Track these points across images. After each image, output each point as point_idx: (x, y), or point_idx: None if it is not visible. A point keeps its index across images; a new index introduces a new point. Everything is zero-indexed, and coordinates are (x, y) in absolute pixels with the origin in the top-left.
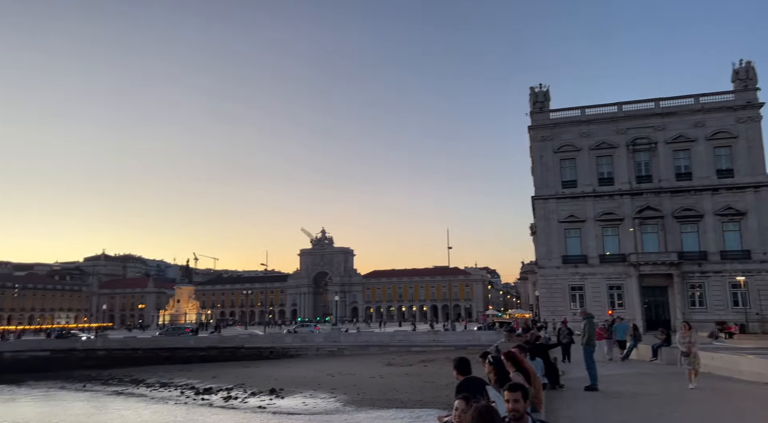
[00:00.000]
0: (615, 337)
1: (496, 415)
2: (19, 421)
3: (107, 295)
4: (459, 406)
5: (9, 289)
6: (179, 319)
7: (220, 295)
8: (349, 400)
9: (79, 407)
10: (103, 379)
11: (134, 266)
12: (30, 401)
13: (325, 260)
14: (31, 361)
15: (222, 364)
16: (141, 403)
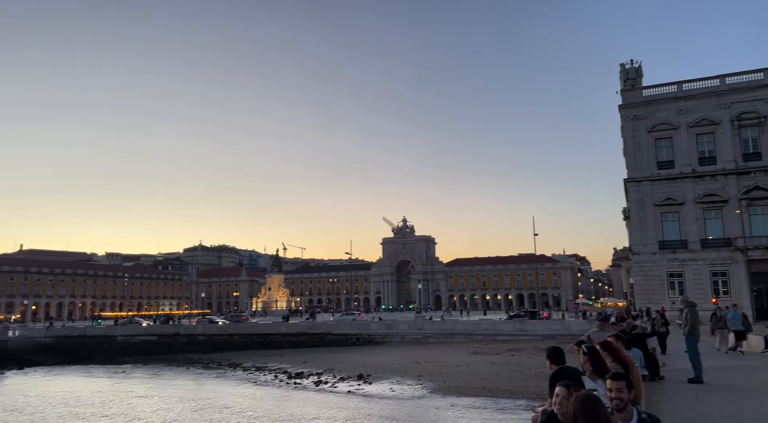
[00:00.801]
0: (730, 326)
1: (599, 403)
2: (132, 396)
3: (205, 284)
4: (560, 392)
5: (120, 278)
6: (271, 306)
7: (308, 283)
8: (435, 387)
9: (181, 387)
10: (204, 363)
11: (228, 256)
12: (141, 381)
13: (407, 249)
14: (141, 345)
15: (312, 350)
16: (239, 385)
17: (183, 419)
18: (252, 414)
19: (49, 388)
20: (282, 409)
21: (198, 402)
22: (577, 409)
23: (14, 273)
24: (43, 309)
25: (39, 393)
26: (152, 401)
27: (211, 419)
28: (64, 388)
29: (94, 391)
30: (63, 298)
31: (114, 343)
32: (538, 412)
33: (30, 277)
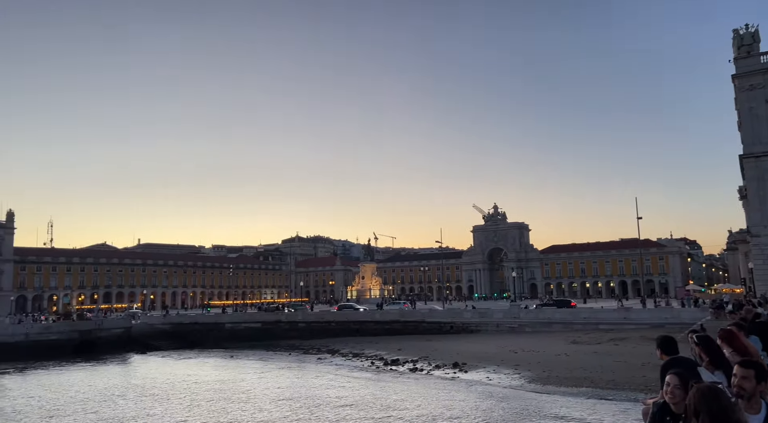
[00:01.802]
0: None
1: (724, 396)
2: (239, 381)
3: (302, 273)
4: (671, 381)
5: (225, 269)
6: (365, 294)
7: (399, 271)
8: (533, 376)
9: (285, 371)
10: (305, 349)
11: (323, 246)
12: (249, 365)
13: (499, 236)
14: (246, 332)
15: (405, 337)
16: (338, 371)
17: (289, 402)
18: (352, 399)
19: (171, 370)
20: (383, 395)
21: (300, 386)
22: (699, 402)
23: (134, 265)
24: (159, 298)
25: (165, 375)
26: (260, 383)
27: (314, 403)
28: (184, 371)
29: (209, 374)
30: (176, 288)
31: (222, 330)
32: (649, 404)
33: (147, 269)
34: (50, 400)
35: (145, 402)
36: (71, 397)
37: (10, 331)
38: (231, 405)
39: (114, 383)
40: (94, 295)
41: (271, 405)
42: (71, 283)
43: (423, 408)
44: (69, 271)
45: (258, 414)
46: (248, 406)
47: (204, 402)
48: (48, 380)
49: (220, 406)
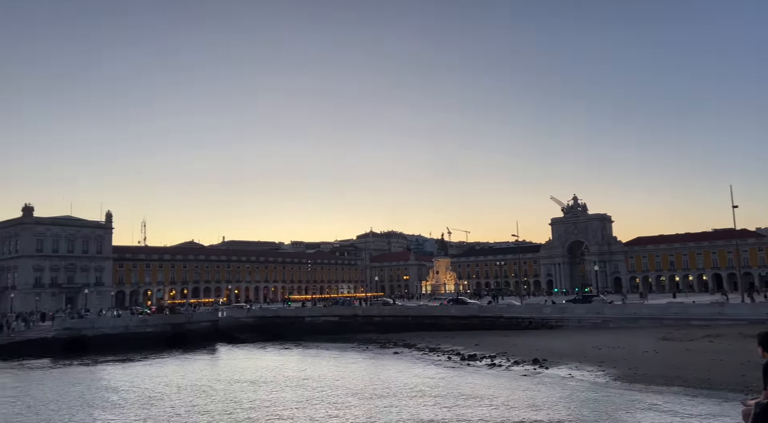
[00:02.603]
0: None
1: None
2: (321, 374)
3: (377, 268)
4: None
5: (304, 264)
6: (439, 289)
7: (474, 266)
8: (619, 374)
9: (363, 364)
10: (381, 343)
11: (396, 241)
12: (328, 358)
13: (579, 228)
14: (324, 325)
15: (483, 333)
16: (415, 365)
17: (367, 394)
18: (431, 391)
19: (256, 361)
20: (461, 387)
21: (378, 379)
22: None
23: (219, 262)
24: (243, 293)
25: (250, 366)
26: (340, 375)
27: (393, 394)
28: (268, 363)
29: (292, 366)
30: (258, 282)
31: (302, 324)
32: (750, 405)
33: (232, 265)
34: (149, 388)
35: (234, 392)
36: (166, 386)
37: (112, 324)
38: (315, 396)
39: (204, 374)
40: (183, 290)
41: (352, 397)
42: (163, 279)
43: (504, 400)
44: (161, 268)
45: (340, 405)
46: (331, 397)
47: (290, 392)
48: (146, 370)
49: (305, 395)
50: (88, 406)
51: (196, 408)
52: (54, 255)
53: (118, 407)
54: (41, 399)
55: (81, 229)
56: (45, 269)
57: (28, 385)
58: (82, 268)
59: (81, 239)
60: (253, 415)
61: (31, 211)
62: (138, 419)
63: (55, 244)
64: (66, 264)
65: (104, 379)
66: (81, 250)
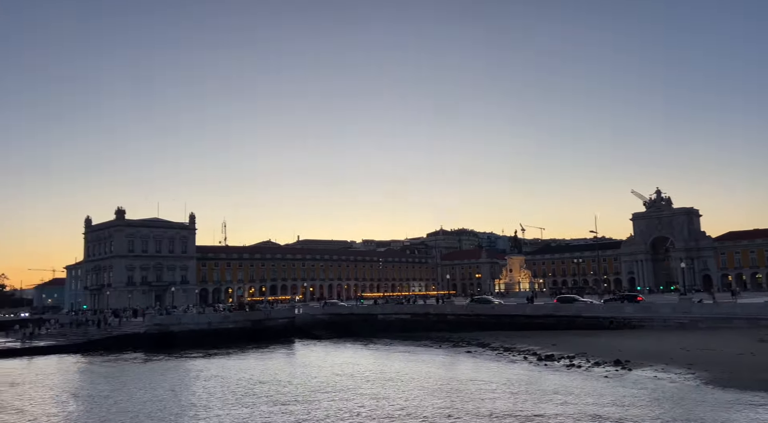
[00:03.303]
0: None
1: None
2: (396, 371)
3: (448, 266)
4: None
5: (375, 263)
6: (513, 287)
7: (549, 264)
8: (711, 378)
9: (437, 363)
10: (454, 341)
11: (468, 239)
12: (401, 356)
13: (663, 223)
14: (397, 323)
15: (559, 333)
16: (490, 364)
17: (443, 392)
18: (508, 391)
19: (332, 357)
20: (539, 388)
21: (453, 377)
22: None
23: (294, 260)
24: (318, 290)
25: (327, 362)
26: (414, 373)
27: (469, 393)
28: (344, 359)
29: (367, 362)
30: (332, 280)
31: (375, 321)
32: None
33: (306, 264)
34: (235, 381)
35: (313, 387)
36: (248, 379)
37: (196, 321)
38: (391, 393)
39: (284, 368)
40: (262, 288)
41: (428, 395)
42: (243, 276)
43: (586, 402)
44: (240, 267)
45: (416, 403)
46: (406, 394)
47: (367, 388)
48: (230, 364)
49: (382, 392)
50: (181, 398)
51: (278, 401)
52: (144, 255)
53: (205, 400)
54: (141, 390)
55: (167, 231)
56: (136, 268)
57: (129, 376)
58: (169, 267)
59: (167, 240)
60: (332, 410)
61: (123, 214)
62: (223, 413)
63: (144, 245)
64: (154, 263)
65: (192, 372)
66: (168, 250)
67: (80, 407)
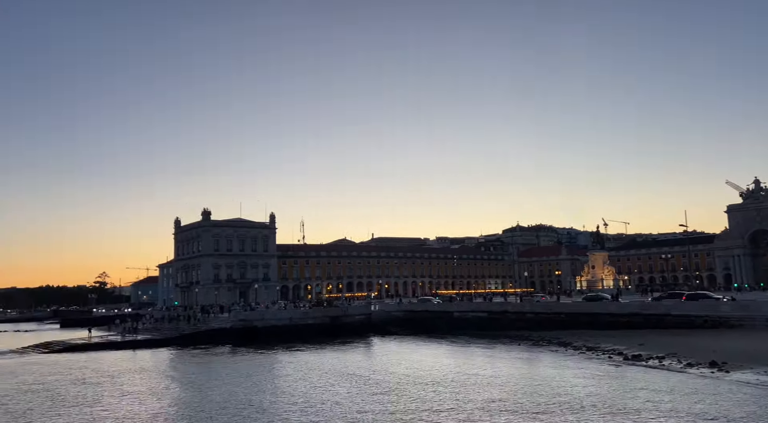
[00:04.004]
0: None
1: None
2: (474, 369)
3: (525, 263)
4: None
5: (449, 260)
6: (596, 285)
7: (635, 260)
8: None
9: (516, 362)
10: (534, 340)
11: (546, 235)
12: (479, 354)
13: (763, 215)
14: (473, 320)
15: (647, 332)
16: (572, 364)
17: (524, 392)
18: (594, 392)
19: (408, 353)
20: (627, 388)
21: (534, 377)
22: None
23: (369, 258)
24: (393, 287)
25: (404, 359)
26: (493, 372)
27: (552, 394)
28: (420, 356)
29: (443, 360)
30: (407, 277)
31: (451, 318)
32: None
33: (381, 261)
34: (316, 375)
35: (391, 383)
36: (326, 373)
37: (278, 316)
38: (470, 392)
39: (362, 364)
40: (339, 285)
41: (507, 395)
42: (321, 274)
43: (678, 405)
44: (318, 264)
45: (496, 403)
46: (486, 393)
47: (445, 386)
48: (311, 358)
49: (461, 391)
50: (266, 389)
51: (357, 397)
52: (228, 253)
53: (287, 392)
54: (230, 383)
55: (250, 230)
56: (222, 266)
57: (218, 369)
58: (252, 265)
59: (250, 239)
60: (411, 406)
61: (209, 215)
62: (305, 405)
63: (229, 244)
64: (238, 261)
65: (277, 365)
66: (250, 248)
67: (176, 397)
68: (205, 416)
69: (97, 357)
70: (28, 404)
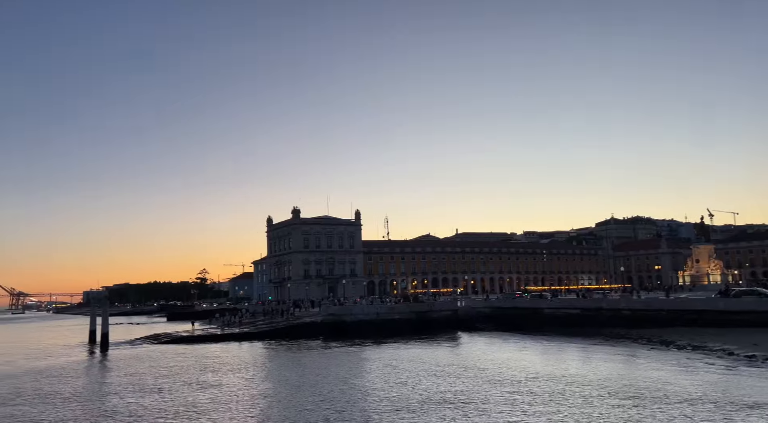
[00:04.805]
0: None
1: None
2: (569, 369)
3: (621, 257)
4: None
5: (539, 255)
6: (701, 279)
7: (746, 253)
8: None
9: (615, 363)
10: (632, 338)
11: (643, 227)
12: (572, 353)
13: None
14: (564, 318)
15: (762, 330)
16: (677, 363)
17: (625, 395)
18: (704, 395)
19: (497, 351)
20: (742, 392)
21: (635, 378)
22: None
23: (454, 253)
24: (479, 283)
25: (493, 356)
26: (588, 373)
27: (654, 397)
28: (510, 354)
29: (534, 359)
30: (493, 273)
31: (541, 315)
32: None
33: (466, 257)
34: (404, 370)
35: (482, 381)
36: (415, 369)
37: (366, 311)
38: (566, 392)
39: (450, 360)
40: (424, 281)
41: (608, 398)
42: (405, 269)
43: None
44: (403, 260)
45: (595, 406)
46: (583, 395)
47: (539, 384)
48: (399, 353)
49: (556, 390)
50: (358, 383)
51: (448, 394)
52: (317, 250)
53: (376, 382)
54: (324, 375)
55: (336, 227)
56: (311, 262)
57: (312, 362)
58: (339, 261)
59: (337, 236)
60: (504, 408)
61: (299, 213)
62: (397, 400)
63: (317, 241)
64: (326, 257)
65: (367, 359)
66: (337, 245)
67: (271, 388)
68: (300, 409)
69: (199, 348)
70: (141, 391)
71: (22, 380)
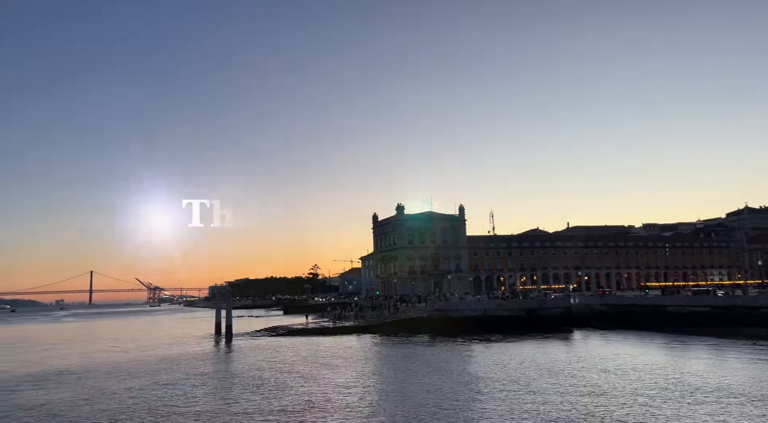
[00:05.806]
0: None
1: None
2: (701, 373)
3: (758, 250)
4: None
5: (660, 249)
6: None
7: None
8: None
9: (757, 367)
10: None
11: None
12: (702, 354)
13: None
14: (691, 316)
15: None
16: None
17: None
18: None
19: (615, 350)
20: None
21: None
22: None
23: (565, 248)
24: (594, 279)
25: (613, 355)
26: (725, 380)
27: None
28: (632, 354)
29: (658, 359)
30: (609, 269)
31: (663, 313)
32: None
33: (578, 251)
34: (515, 367)
35: (605, 384)
36: (528, 368)
37: (473, 307)
38: (699, 398)
39: (566, 359)
40: (533, 276)
41: (747, 406)
42: (513, 265)
43: None
44: (510, 255)
45: (730, 414)
46: (718, 402)
47: (665, 381)
48: (510, 351)
49: (685, 394)
50: (462, 380)
51: (565, 396)
52: (421, 246)
53: (484, 380)
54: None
55: (440, 223)
56: (415, 258)
57: (421, 356)
58: (444, 256)
59: (441, 231)
60: (621, 412)
61: (403, 209)
62: (511, 403)
63: (421, 237)
64: (431, 253)
65: (474, 356)
66: (441, 240)
67: (381, 382)
68: (411, 404)
69: (313, 340)
70: (260, 379)
71: (158, 367)
